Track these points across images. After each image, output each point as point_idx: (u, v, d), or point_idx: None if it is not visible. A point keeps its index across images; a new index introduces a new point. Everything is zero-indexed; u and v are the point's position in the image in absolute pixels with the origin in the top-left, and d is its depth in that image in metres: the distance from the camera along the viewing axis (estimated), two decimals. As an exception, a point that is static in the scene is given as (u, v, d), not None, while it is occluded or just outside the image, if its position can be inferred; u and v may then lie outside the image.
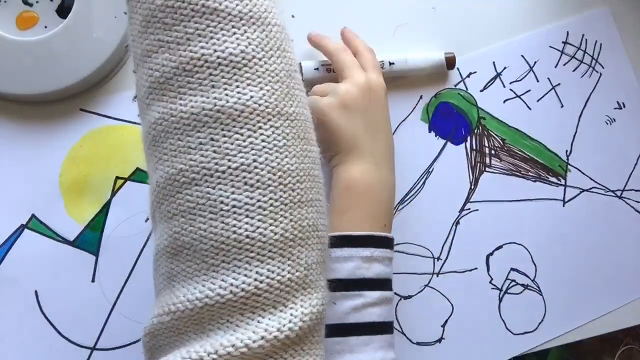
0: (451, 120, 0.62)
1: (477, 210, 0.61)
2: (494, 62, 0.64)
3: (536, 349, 0.60)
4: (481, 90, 0.63)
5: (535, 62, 0.64)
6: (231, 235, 0.33)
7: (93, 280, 0.56)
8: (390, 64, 0.58)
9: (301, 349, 0.34)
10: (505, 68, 0.64)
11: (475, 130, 0.62)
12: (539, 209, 0.62)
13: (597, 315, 0.61)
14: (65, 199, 0.57)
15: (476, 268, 0.61)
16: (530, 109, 0.64)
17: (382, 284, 0.49)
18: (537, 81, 0.64)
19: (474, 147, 0.62)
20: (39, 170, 0.57)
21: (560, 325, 0.61)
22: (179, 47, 0.35)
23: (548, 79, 0.64)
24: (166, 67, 0.35)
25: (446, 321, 0.59)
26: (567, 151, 0.64)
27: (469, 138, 0.62)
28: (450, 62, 0.61)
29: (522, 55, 0.64)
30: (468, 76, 0.63)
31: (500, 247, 0.61)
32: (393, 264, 0.51)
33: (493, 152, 0.63)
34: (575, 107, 0.64)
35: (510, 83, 0.64)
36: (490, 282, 0.61)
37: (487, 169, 0.62)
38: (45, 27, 0.57)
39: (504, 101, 0.63)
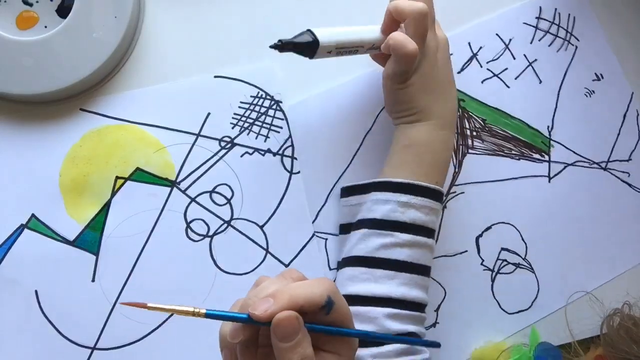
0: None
1: (463, 192, 0.62)
2: (469, 43, 0.64)
3: (532, 326, 0.60)
4: (458, 72, 0.63)
5: (510, 40, 0.65)
6: None
7: (93, 280, 0.56)
8: None
9: None
10: (480, 48, 0.64)
11: (455, 113, 0.63)
12: (525, 187, 0.62)
13: (590, 289, 0.61)
14: (65, 198, 0.57)
15: (466, 251, 0.61)
16: (508, 87, 0.64)
17: (416, 229, 0.52)
18: (514, 59, 0.64)
19: (455, 130, 0.62)
20: (39, 170, 0.57)
21: (554, 301, 0.61)
22: None
23: (524, 55, 0.64)
24: None
25: (439, 305, 0.59)
26: (548, 127, 0.64)
27: (449, 121, 0.62)
28: None
29: (497, 34, 0.64)
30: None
31: (489, 228, 0.61)
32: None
33: (474, 133, 0.63)
34: (554, 82, 0.65)
35: (487, 63, 0.64)
36: (481, 264, 0.61)
37: (469, 150, 0.62)
38: (45, 27, 0.57)
39: (482, 81, 0.64)
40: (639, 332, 0.50)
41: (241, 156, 0.59)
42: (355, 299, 0.52)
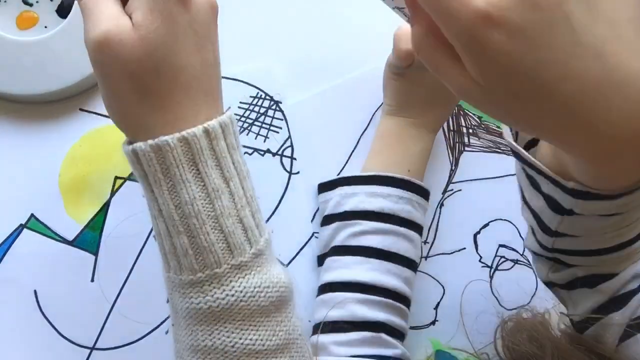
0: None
1: (460, 190, 0.62)
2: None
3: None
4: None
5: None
6: None
7: (92, 280, 0.56)
8: None
9: None
10: None
11: (451, 111, 0.63)
12: (522, 183, 0.63)
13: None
14: (64, 198, 0.57)
15: (464, 248, 0.61)
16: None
17: (385, 217, 0.53)
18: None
19: (452, 128, 0.63)
20: (39, 170, 0.57)
21: (553, 296, 0.61)
22: None
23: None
24: None
25: (438, 303, 0.60)
26: None
27: (445, 119, 0.63)
28: None
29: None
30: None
31: (486, 224, 0.62)
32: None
33: (470, 131, 0.63)
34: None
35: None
36: (479, 261, 0.61)
37: (466, 148, 0.63)
38: (45, 27, 0.57)
39: (477, 78, 0.64)
40: (535, 324, 0.48)
41: (241, 156, 0.59)
42: (328, 287, 0.53)
